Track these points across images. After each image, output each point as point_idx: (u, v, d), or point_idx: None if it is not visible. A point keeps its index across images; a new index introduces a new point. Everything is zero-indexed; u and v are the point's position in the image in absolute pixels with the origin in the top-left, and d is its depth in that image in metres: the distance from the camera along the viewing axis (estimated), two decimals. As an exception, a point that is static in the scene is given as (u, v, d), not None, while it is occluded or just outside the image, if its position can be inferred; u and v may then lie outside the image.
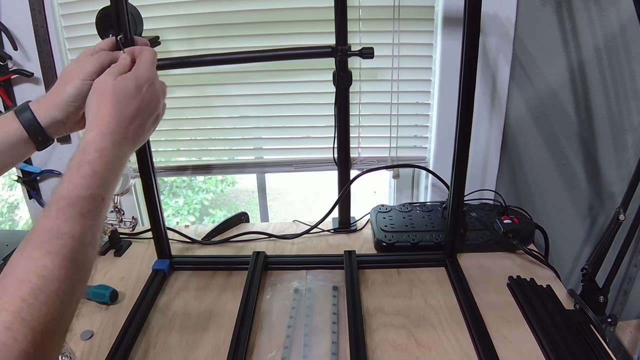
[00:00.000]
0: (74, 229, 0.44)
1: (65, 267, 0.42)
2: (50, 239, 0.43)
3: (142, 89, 0.55)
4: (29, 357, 0.36)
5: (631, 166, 1.08)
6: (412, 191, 1.25)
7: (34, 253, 0.41)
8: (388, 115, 1.05)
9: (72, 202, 0.45)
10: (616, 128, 1.06)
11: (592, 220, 1.18)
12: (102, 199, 0.48)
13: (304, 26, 1.01)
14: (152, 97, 0.56)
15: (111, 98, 0.53)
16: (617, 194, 1.13)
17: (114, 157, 0.50)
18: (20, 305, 0.38)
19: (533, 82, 1.03)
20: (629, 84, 1.02)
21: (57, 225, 0.43)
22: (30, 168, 1.10)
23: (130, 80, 0.55)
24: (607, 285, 0.88)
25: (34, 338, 0.37)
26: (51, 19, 0.99)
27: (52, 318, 0.39)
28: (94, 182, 0.47)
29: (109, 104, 0.53)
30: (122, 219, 0.94)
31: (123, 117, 0.53)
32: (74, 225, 0.44)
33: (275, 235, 1.02)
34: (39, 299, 0.39)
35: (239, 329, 0.73)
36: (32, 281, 0.39)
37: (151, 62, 0.58)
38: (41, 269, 0.40)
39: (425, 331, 0.74)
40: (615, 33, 0.97)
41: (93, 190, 0.47)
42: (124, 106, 0.53)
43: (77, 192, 0.46)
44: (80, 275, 0.44)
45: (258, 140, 1.15)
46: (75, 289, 0.43)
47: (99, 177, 0.48)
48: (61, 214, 0.44)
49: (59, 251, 0.42)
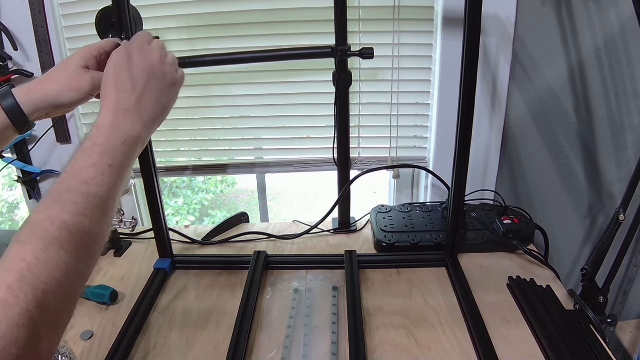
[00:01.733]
0: (75, 196, 0.45)
1: (66, 230, 0.42)
2: (52, 204, 0.43)
3: (132, 56, 0.56)
4: (31, 316, 0.36)
5: (631, 166, 1.08)
6: (412, 191, 1.25)
7: (37, 217, 0.42)
8: (388, 116, 1.05)
9: (74, 173, 0.46)
10: (616, 128, 1.06)
11: (592, 220, 1.18)
12: (109, 166, 0.48)
13: (304, 26, 1.01)
14: (144, 63, 0.56)
15: (107, 77, 0.55)
16: (617, 194, 1.13)
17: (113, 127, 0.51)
18: (21, 265, 0.38)
19: (533, 82, 1.03)
20: (629, 84, 1.02)
21: (59, 193, 0.45)
22: (30, 168, 1.10)
23: (120, 53, 0.56)
24: (607, 285, 0.88)
25: (35, 297, 0.37)
26: (51, 19, 0.99)
27: (54, 278, 0.39)
28: (94, 152, 0.48)
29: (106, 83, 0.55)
30: (122, 219, 0.94)
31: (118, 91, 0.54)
32: (75, 193, 0.45)
33: (275, 235, 1.02)
34: (40, 259, 0.39)
35: (239, 329, 0.73)
36: (33, 243, 0.40)
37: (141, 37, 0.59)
38: (42, 231, 0.41)
39: (425, 331, 0.74)
40: (615, 33, 0.97)
41: (95, 158, 0.48)
42: (117, 78, 0.55)
43: (78, 164, 0.47)
44: (86, 240, 0.44)
45: (258, 140, 1.15)
46: (81, 252, 0.43)
47: (99, 146, 0.49)
48: (63, 184, 0.45)
49: (60, 215, 0.43)
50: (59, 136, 1.08)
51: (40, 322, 0.37)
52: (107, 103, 0.53)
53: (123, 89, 0.54)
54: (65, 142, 1.09)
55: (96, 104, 1.12)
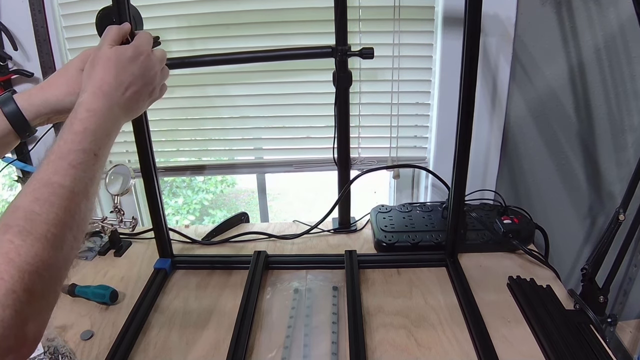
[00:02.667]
0: (63, 178, 0.45)
1: (54, 213, 0.42)
2: (39, 187, 0.44)
3: (139, 58, 0.57)
4: (17, 296, 0.36)
5: (631, 166, 1.08)
6: (412, 191, 1.25)
7: (23, 200, 0.42)
8: (388, 116, 1.05)
9: (63, 155, 0.46)
10: (616, 128, 1.06)
11: (592, 220, 1.18)
12: (95, 154, 0.49)
13: (304, 26, 1.01)
14: (147, 67, 0.58)
15: (107, 63, 0.55)
16: (617, 194, 1.13)
17: (105, 118, 0.52)
18: (8, 246, 0.38)
19: (533, 82, 1.03)
20: (629, 84, 1.02)
21: (46, 175, 0.44)
22: (30, 168, 1.10)
23: (128, 49, 0.57)
24: (607, 285, 0.88)
25: (21, 278, 0.37)
26: (51, 19, 0.99)
27: (41, 260, 0.39)
28: (84, 137, 0.48)
29: (104, 69, 0.55)
30: (122, 219, 0.94)
31: (117, 82, 0.55)
32: (63, 176, 0.45)
33: (275, 235, 1.02)
34: (27, 241, 0.39)
35: (239, 329, 0.73)
36: (19, 224, 0.40)
37: (148, 39, 0.60)
38: (29, 213, 0.41)
39: (425, 331, 0.74)
40: (615, 33, 0.97)
41: (84, 144, 0.48)
42: (119, 72, 0.55)
43: (67, 146, 0.47)
44: (72, 223, 0.44)
45: (258, 140, 1.15)
46: (66, 234, 0.43)
47: (90, 133, 0.49)
48: (51, 166, 0.45)
49: (48, 198, 0.43)
50: (59, 136, 1.08)
51: (27, 304, 0.37)
52: (100, 85, 0.53)
53: (120, 83, 0.55)
54: (65, 142, 1.09)
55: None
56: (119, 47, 0.57)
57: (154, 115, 0.91)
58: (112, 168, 0.96)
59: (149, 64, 0.58)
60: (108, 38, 0.58)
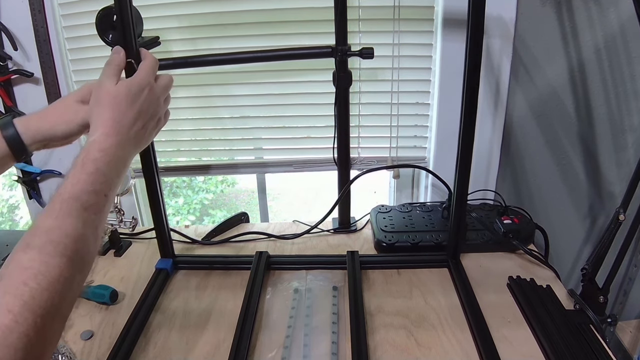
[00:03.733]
0: (76, 221, 0.46)
1: (67, 256, 0.43)
2: (53, 229, 0.44)
3: (142, 93, 0.58)
4: (29, 340, 0.37)
5: (631, 166, 1.08)
6: (412, 191, 1.25)
7: (37, 241, 0.43)
8: (388, 115, 1.05)
9: (76, 195, 0.47)
10: (616, 128, 1.06)
11: (592, 220, 1.18)
12: (105, 195, 0.50)
13: (304, 26, 1.01)
14: (151, 101, 0.59)
15: (112, 101, 0.56)
16: (617, 194, 1.13)
17: (116, 157, 0.53)
18: (23, 289, 0.39)
19: (534, 82, 1.03)
20: (629, 84, 1.02)
21: (60, 217, 0.45)
22: (30, 168, 1.10)
23: (130, 85, 0.57)
24: (607, 285, 0.88)
25: (34, 321, 0.38)
26: (51, 19, 0.99)
27: (52, 304, 0.40)
28: (97, 178, 0.49)
29: (110, 108, 0.55)
30: (122, 219, 0.94)
31: (124, 119, 0.55)
32: (76, 218, 0.46)
33: (275, 235, 1.02)
34: (41, 284, 0.40)
35: (241, 329, 0.73)
36: (34, 267, 0.41)
37: (152, 68, 0.61)
38: (45, 256, 0.42)
39: (425, 331, 0.74)
40: (615, 33, 0.97)
41: (96, 186, 0.49)
42: (125, 109, 0.56)
43: (80, 187, 0.48)
44: (81, 265, 0.45)
45: (258, 140, 1.15)
46: (76, 277, 0.44)
47: (102, 174, 0.50)
48: (65, 206, 0.46)
49: (62, 241, 0.44)
50: (59, 136, 1.08)
51: (36, 345, 0.38)
52: (110, 124, 0.54)
53: (129, 118, 0.56)
54: (65, 142, 1.09)
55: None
56: (122, 83, 0.57)
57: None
58: (112, 168, 0.96)
59: (153, 97, 0.59)
60: (109, 73, 0.58)
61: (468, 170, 0.79)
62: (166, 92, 0.63)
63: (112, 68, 0.59)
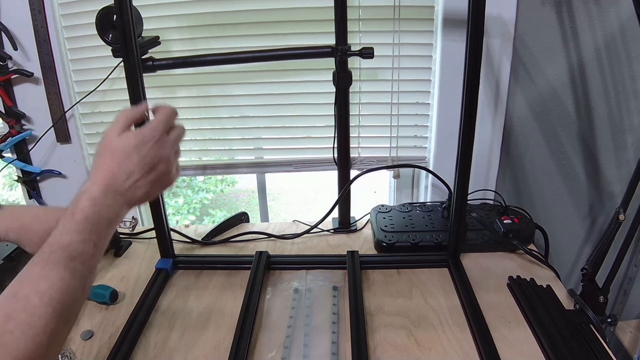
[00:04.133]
0: (63, 271, 0.45)
1: (52, 307, 0.43)
2: (38, 279, 0.44)
3: (145, 146, 0.55)
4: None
5: (631, 166, 1.08)
6: (412, 191, 1.25)
7: (23, 290, 0.43)
8: (388, 115, 1.05)
9: (64, 245, 0.47)
10: (616, 128, 1.06)
11: (592, 220, 1.18)
12: (95, 245, 0.49)
13: (304, 26, 1.01)
14: (156, 155, 0.56)
15: (110, 152, 0.55)
16: (617, 194, 1.13)
17: (106, 206, 0.51)
18: (9, 337, 0.40)
19: (534, 82, 1.03)
20: (629, 84, 1.02)
21: (47, 267, 0.45)
22: (30, 168, 1.10)
23: (132, 137, 0.56)
24: (607, 285, 0.88)
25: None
26: (51, 19, 0.99)
27: (39, 354, 0.41)
28: (85, 227, 0.49)
29: (108, 159, 0.54)
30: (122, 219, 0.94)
31: (120, 171, 0.54)
32: (63, 268, 0.46)
33: (275, 235, 1.02)
34: (27, 334, 0.41)
35: (241, 329, 0.73)
36: (20, 317, 0.41)
37: (163, 121, 0.58)
38: (30, 306, 0.42)
39: (425, 331, 0.74)
40: (615, 33, 0.97)
41: (84, 235, 0.49)
42: (122, 160, 0.54)
43: (68, 237, 0.48)
44: (67, 316, 0.45)
45: (258, 140, 1.15)
46: (62, 327, 0.44)
47: (91, 223, 0.49)
48: (52, 256, 0.46)
49: (48, 291, 0.44)
50: (59, 136, 1.08)
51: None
52: (103, 175, 0.53)
53: (124, 170, 0.54)
54: (65, 142, 1.09)
55: (98, 104, 1.12)
56: (126, 134, 0.56)
57: (154, 115, 0.91)
58: (112, 168, 0.96)
59: (157, 152, 0.56)
60: (116, 123, 0.57)
61: (468, 170, 0.79)
62: (176, 145, 0.60)
63: (122, 119, 0.58)
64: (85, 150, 1.12)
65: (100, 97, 1.06)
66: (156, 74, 0.88)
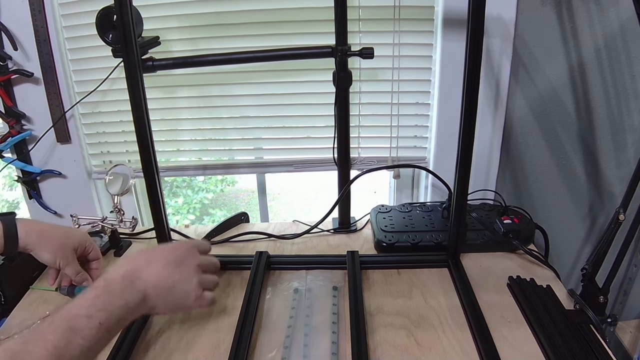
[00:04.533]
0: (60, 339, 0.46)
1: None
2: (33, 340, 0.45)
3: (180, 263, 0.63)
4: None
5: (631, 166, 1.08)
6: (412, 191, 1.25)
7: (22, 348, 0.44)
8: (388, 115, 1.05)
9: (68, 317, 0.49)
10: (616, 128, 1.06)
11: (592, 220, 1.18)
12: (100, 323, 0.51)
13: (304, 26, 1.01)
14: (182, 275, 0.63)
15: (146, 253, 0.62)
16: (617, 194, 1.13)
17: (120, 291, 0.55)
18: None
19: (534, 82, 1.03)
20: (629, 84, 1.02)
21: (44, 331, 0.47)
22: (30, 168, 1.10)
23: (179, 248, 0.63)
24: (607, 285, 0.88)
25: None
26: (51, 19, 0.99)
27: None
28: (94, 303, 0.51)
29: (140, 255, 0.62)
30: (122, 219, 0.94)
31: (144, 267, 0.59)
32: (61, 336, 0.47)
33: (275, 235, 1.02)
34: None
35: (241, 329, 0.73)
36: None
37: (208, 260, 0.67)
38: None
39: (425, 331, 0.74)
40: (615, 33, 0.97)
41: (92, 311, 0.50)
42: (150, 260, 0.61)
43: (76, 310, 0.50)
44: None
45: (258, 140, 1.15)
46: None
47: (101, 301, 0.52)
48: (53, 324, 0.48)
49: (39, 352, 0.45)
50: (59, 136, 1.08)
51: None
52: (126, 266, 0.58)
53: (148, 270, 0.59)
54: (65, 142, 1.09)
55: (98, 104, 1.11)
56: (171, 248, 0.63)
57: (154, 115, 0.91)
58: (112, 168, 0.96)
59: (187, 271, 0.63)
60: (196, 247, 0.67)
61: (468, 170, 0.79)
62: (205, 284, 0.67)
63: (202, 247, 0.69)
64: (85, 150, 1.12)
65: (100, 97, 1.06)
66: (156, 74, 0.88)
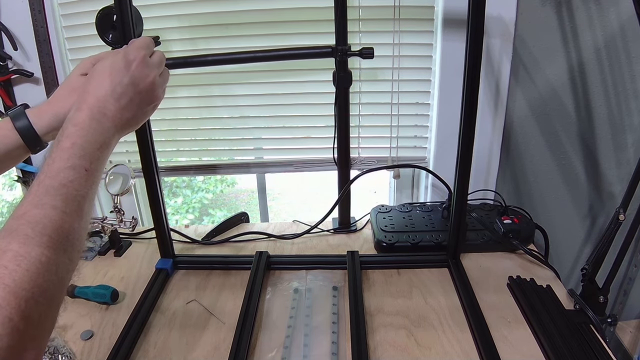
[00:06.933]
0: (54, 199, 0.44)
1: (47, 235, 0.41)
2: (30, 209, 0.42)
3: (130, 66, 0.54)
4: (13, 324, 0.35)
5: (631, 166, 1.08)
6: (412, 191, 1.25)
7: (15, 223, 0.41)
8: (388, 115, 1.05)
9: (52, 174, 0.45)
10: (616, 128, 1.06)
11: (592, 220, 1.18)
12: (86, 170, 0.47)
13: (304, 26, 1.01)
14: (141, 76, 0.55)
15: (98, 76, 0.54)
16: (617, 194, 1.13)
17: (93, 130, 0.50)
18: (2, 271, 0.37)
19: (534, 82, 1.03)
20: (629, 84, 1.02)
21: (37, 198, 0.43)
22: (30, 168, 1.10)
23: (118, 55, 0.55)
24: (607, 285, 0.88)
25: (17, 304, 0.36)
26: (51, 19, 0.99)
27: (36, 285, 0.38)
28: (73, 152, 0.47)
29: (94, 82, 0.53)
30: (122, 219, 0.94)
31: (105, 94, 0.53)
32: (54, 196, 0.44)
33: (275, 235, 1.02)
34: (21, 265, 0.38)
35: (241, 329, 0.73)
36: (13, 249, 0.39)
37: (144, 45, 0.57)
38: (22, 237, 0.40)
39: (425, 331, 0.74)
40: (615, 33, 0.97)
41: (73, 160, 0.47)
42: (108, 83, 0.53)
43: (57, 165, 0.46)
44: (66, 244, 0.43)
45: (258, 140, 1.15)
46: (61, 256, 0.42)
47: (79, 147, 0.48)
48: (41, 187, 0.44)
49: (41, 220, 0.42)
50: (59, 136, 1.08)
51: (24, 331, 0.36)
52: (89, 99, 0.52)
53: (110, 93, 0.53)
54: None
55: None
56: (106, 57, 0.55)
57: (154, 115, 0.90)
58: (112, 168, 0.96)
59: (142, 71, 0.55)
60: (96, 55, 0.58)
61: (468, 170, 0.79)
62: (160, 67, 0.59)
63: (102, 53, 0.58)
64: (85, 150, 1.12)
65: (100, 97, 1.06)
66: (156, 74, 0.88)
